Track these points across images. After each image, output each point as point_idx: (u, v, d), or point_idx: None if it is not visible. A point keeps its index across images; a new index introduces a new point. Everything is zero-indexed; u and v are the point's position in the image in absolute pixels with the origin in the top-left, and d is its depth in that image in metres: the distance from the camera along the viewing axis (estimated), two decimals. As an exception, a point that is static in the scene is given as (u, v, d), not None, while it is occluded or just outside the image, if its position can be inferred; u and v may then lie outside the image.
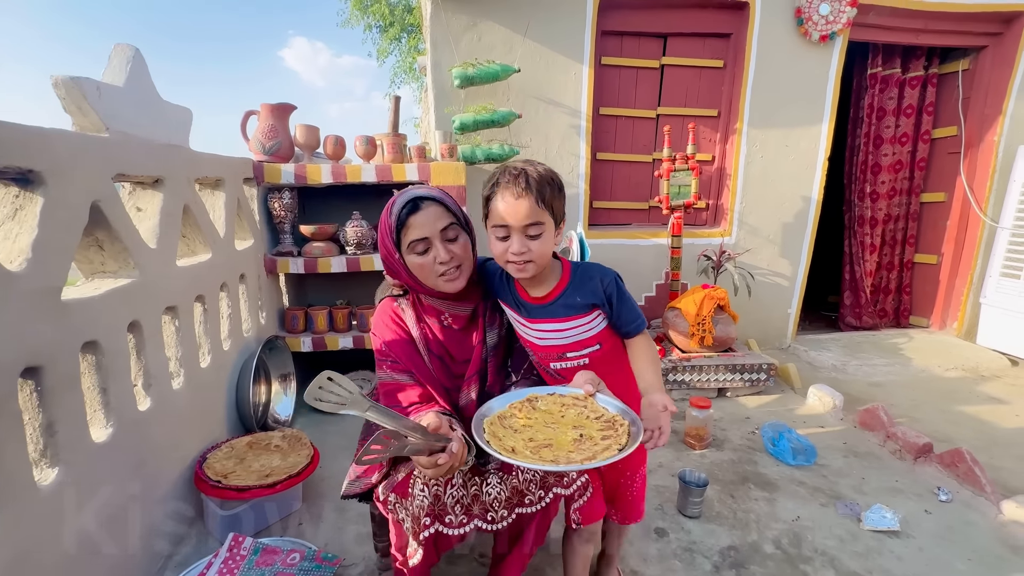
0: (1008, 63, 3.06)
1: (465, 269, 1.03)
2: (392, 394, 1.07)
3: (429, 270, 1.00)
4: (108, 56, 1.34)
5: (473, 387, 1.11)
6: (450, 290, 1.02)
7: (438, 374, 1.10)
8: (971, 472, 1.70)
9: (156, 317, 1.37)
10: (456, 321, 1.11)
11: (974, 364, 3.00)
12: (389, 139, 2.31)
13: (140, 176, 1.36)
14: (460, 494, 0.97)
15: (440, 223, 0.98)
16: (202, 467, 1.51)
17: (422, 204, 0.98)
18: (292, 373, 2.23)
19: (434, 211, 0.98)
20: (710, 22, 2.89)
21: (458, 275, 1.01)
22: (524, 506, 1.01)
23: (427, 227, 0.97)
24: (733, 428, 2.19)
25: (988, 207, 3.21)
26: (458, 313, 1.10)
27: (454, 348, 1.11)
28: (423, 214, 0.97)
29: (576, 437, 0.85)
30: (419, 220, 0.97)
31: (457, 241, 1.01)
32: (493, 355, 1.12)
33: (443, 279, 1.00)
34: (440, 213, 0.99)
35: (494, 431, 0.86)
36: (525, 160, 1.00)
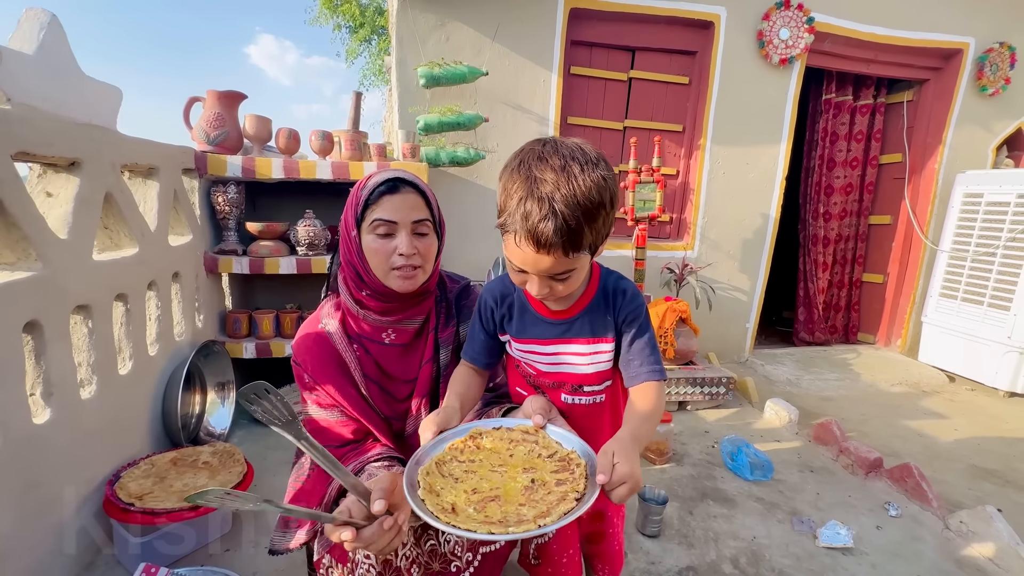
0: (947, 96, 3.26)
1: (423, 272, 0.91)
2: (322, 432, 0.94)
3: (384, 258, 0.87)
4: (17, 20, 1.19)
5: (424, 410, 0.97)
6: (400, 288, 0.89)
7: (377, 403, 0.96)
8: (919, 487, 1.73)
9: (62, 317, 1.21)
10: (400, 336, 0.97)
11: (916, 379, 3.14)
12: (348, 135, 2.20)
13: (50, 156, 1.20)
14: (414, 553, 0.82)
15: (415, 214, 0.88)
16: (113, 487, 1.33)
17: (402, 187, 0.88)
18: (231, 382, 2.05)
19: (412, 199, 0.88)
20: (677, 39, 2.93)
21: (414, 275, 0.89)
22: (489, 544, 0.88)
23: (400, 212, 0.86)
24: (693, 442, 2.17)
25: (929, 230, 3.39)
26: (404, 328, 0.97)
27: (396, 369, 0.98)
28: (400, 197, 0.87)
29: (527, 483, 0.70)
30: (394, 202, 0.86)
31: (425, 239, 0.90)
32: (446, 373, 0.99)
33: (397, 274, 0.88)
34: (418, 203, 0.89)
35: (431, 483, 0.69)
36: (558, 148, 0.72)
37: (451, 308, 1.02)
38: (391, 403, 0.99)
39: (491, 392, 1.01)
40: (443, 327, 1.00)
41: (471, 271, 2.78)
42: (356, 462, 0.88)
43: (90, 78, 1.37)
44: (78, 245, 1.27)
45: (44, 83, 1.20)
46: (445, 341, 1.00)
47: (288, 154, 2.16)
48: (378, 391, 0.97)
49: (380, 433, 0.96)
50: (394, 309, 0.94)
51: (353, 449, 0.93)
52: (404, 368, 0.98)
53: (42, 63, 1.19)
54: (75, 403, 1.26)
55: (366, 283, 0.91)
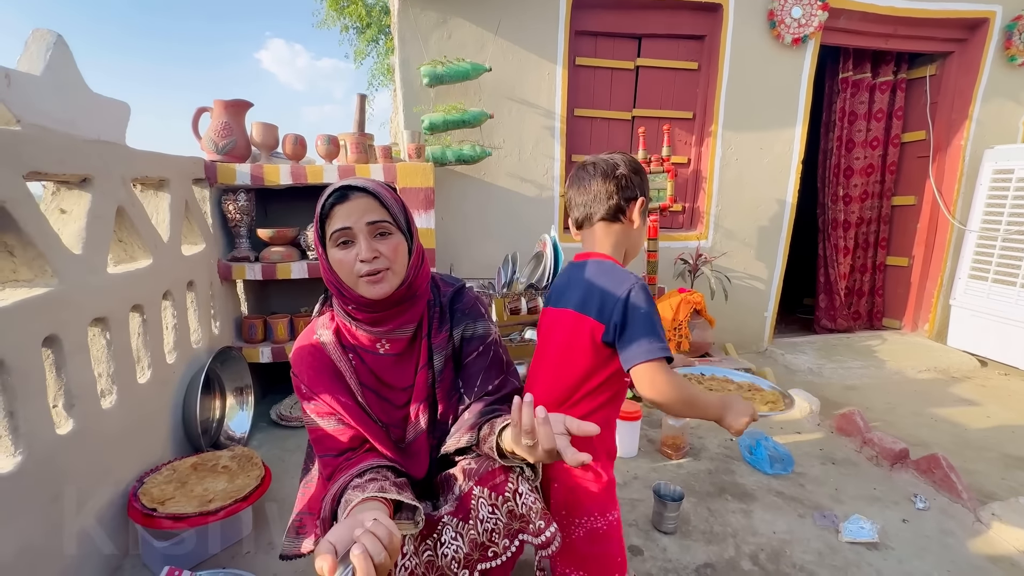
0: (973, 69, 3.11)
1: (393, 274, 0.89)
2: (320, 441, 0.95)
3: (349, 268, 0.87)
4: (24, 42, 1.21)
5: (423, 416, 0.98)
6: (371, 295, 0.88)
7: (375, 411, 0.97)
8: (947, 478, 1.67)
9: (80, 330, 1.24)
10: (395, 345, 0.97)
11: (945, 365, 3.03)
12: (353, 138, 2.21)
13: (62, 175, 1.23)
14: (412, 564, 0.81)
15: (368, 216, 0.86)
16: (136, 493, 1.37)
17: (351, 194, 0.86)
18: (249, 386, 2.09)
19: (364, 203, 0.86)
20: (684, 24, 2.86)
21: (382, 278, 0.87)
22: (488, 559, 0.85)
23: (351, 218, 0.85)
24: (710, 436, 2.14)
25: (956, 210, 3.25)
26: (397, 337, 0.97)
27: (391, 377, 0.98)
28: (350, 204, 0.86)
29: None
30: (345, 210, 0.85)
31: (387, 239, 0.88)
32: (441, 379, 0.99)
33: (364, 280, 0.87)
34: (370, 206, 0.87)
35: None
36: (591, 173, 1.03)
37: (444, 312, 1.01)
38: (389, 410, 0.99)
39: (490, 395, 0.99)
40: (436, 332, 0.99)
41: (480, 270, 2.79)
42: (346, 475, 0.87)
43: (98, 95, 1.39)
44: (93, 259, 1.30)
45: (53, 102, 1.22)
46: (439, 347, 0.99)
47: (295, 160, 2.18)
48: (375, 399, 0.97)
49: (378, 441, 0.96)
50: (383, 319, 0.94)
51: (348, 459, 0.93)
52: (399, 376, 0.98)
53: (50, 83, 1.22)
54: (97, 413, 1.30)
55: (347, 297, 0.91)
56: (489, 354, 1.02)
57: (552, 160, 2.82)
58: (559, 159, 2.82)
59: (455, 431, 0.96)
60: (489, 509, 0.84)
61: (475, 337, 1.02)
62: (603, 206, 1.02)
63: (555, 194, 2.86)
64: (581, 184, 1.05)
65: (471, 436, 0.91)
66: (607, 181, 1.01)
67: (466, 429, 0.92)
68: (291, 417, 2.20)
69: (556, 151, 2.81)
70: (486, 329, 1.04)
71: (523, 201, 2.84)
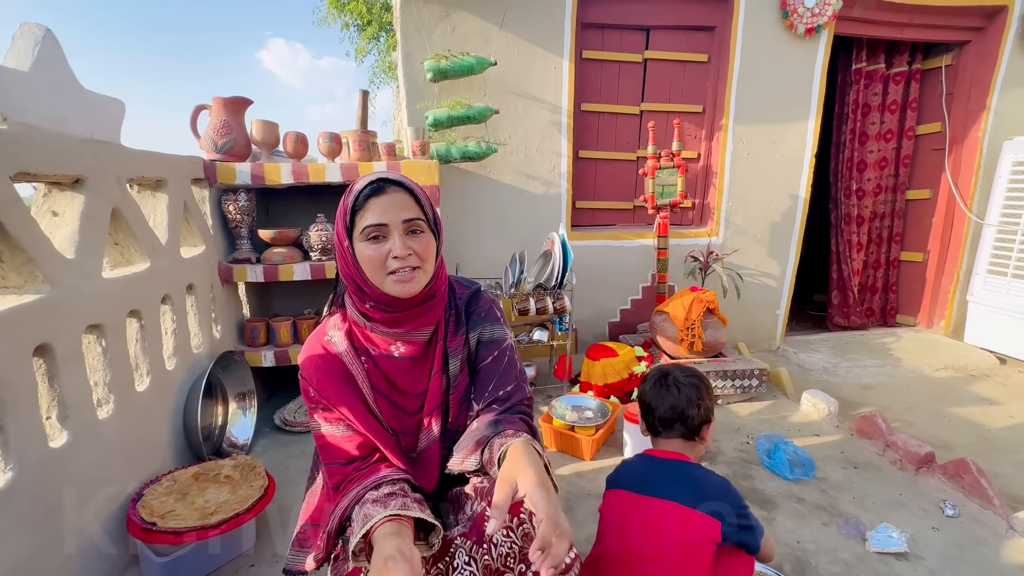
0: (991, 58, 3.02)
1: (423, 273, 0.86)
2: (327, 448, 0.90)
3: (380, 264, 0.83)
4: (12, 37, 1.16)
5: (435, 423, 0.93)
6: (399, 293, 0.84)
7: (386, 417, 0.92)
8: (977, 484, 1.60)
9: (74, 338, 1.19)
10: (410, 348, 0.92)
11: (963, 363, 2.95)
12: (356, 136, 2.15)
13: (52, 175, 1.17)
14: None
15: (405, 213, 0.83)
16: (136, 506, 1.32)
17: (387, 187, 0.83)
18: (251, 391, 2.04)
19: (400, 198, 0.83)
20: (694, 14, 2.79)
21: (412, 277, 0.84)
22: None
23: (388, 213, 0.82)
24: (726, 439, 2.08)
25: (974, 203, 3.17)
26: (414, 339, 0.92)
27: (405, 381, 0.93)
28: (386, 198, 0.82)
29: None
30: (380, 204, 0.82)
31: (421, 237, 0.85)
32: (456, 385, 0.94)
33: (394, 278, 0.83)
34: (407, 202, 0.84)
35: None
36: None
37: (460, 315, 0.97)
38: (400, 417, 0.94)
39: (500, 403, 0.94)
40: (452, 336, 0.95)
41: (487, 267, 2.73)
42: (359, 486, 0.83)
43: (90, 92, 1.34)
44: (86, 263, 1.25)
45: (42, 100, 1.17)
46: (454, 351, 0.94)
47: (296, 158, 2.12)
48: (387, 404, 0.93)
49: (388, 450, 0.91)
50: (402, 319, 0.89)
51: (359, 468, 0.88)
52: (413, 380, 0.94)
53: (39, 79, 1.16)
54: (93, 423, 1.25)
55: (368, 294, 0.86)
56: (504, 359, 0.98)
57: (559, 156, 2.76)
58: (566, 155, 2.76)
59: (461, 445, 0.91)
60: (504, 532, 0.78)
61: (491, 341, 0.98)
62: (682, 427, 1.12)
63: (562, 191, 2.80)
64: (660, 397, 1.15)
65: (476, 458, 0.85)
66: (688, 405, 1.12)
67: (471, 448, 0.87)
68: (295, 422, 2.15)
69: (563, 147, 2.75)
70: (502, 333, 1.00)
71: (530, 198, 2.77)
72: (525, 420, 0.93)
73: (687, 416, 1.13)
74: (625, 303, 3.01)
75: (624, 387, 2.36)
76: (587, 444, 1.89)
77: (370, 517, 0.73)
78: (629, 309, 3.01)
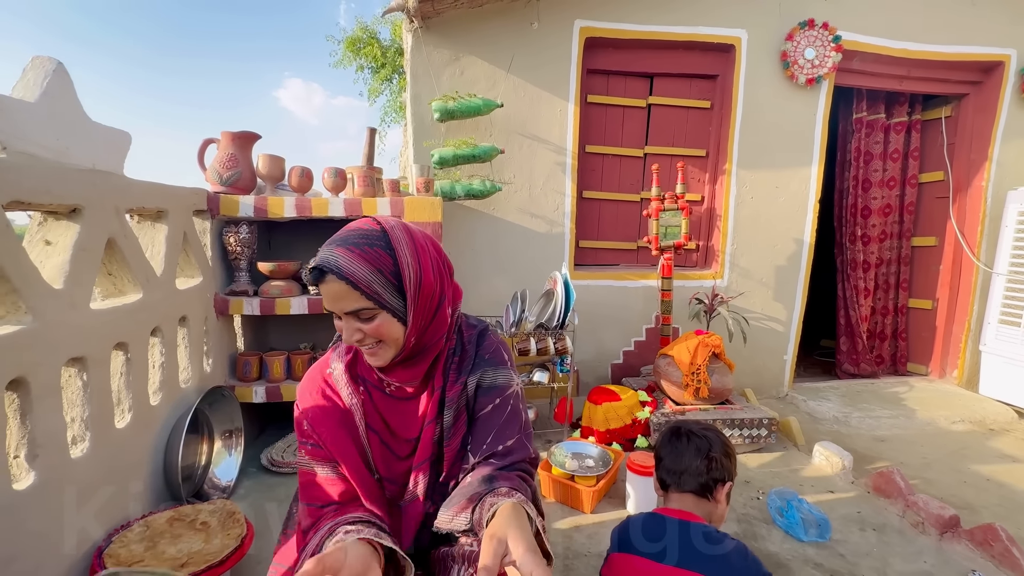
0: (990, 110, 3.07)
1: (386, 348, 0.81)
2: (309, 488, 0.85)
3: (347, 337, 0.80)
4: (23, 69, 1.17)
5: (423, 478, 0.86)
6: (370, 363, 0.83)
7: (376, 458, 0.86)
8: (1008, 552, 1.49)
9: (52, 372, 1.14)
10: (401, 390, 0.88)
11: (980, 416, 2.84)
12: (361, 171, 2.16)
13: (47, 204, 1.16)
14: None
15: (345, 304, 0.76)
16: (102, 555, 1.23)
17: (326, 276, 0.76)
18: (239, 428, 1.96)
19: (336, 288, 0.75)
20: (697, 63, 2.86)
21: (375, 352, 0.80)
22: None
23: (332, 303, 0.78)
24: (735, 493, 1.96)
25: (981, 252, 3.14)
26: (403, 386, 0.88)
27: (395, 420, 0.87)
28: (326, 287, 0.77)
29: None
30: (324, 290, 0.77)
31: (371, 322, 0.78)
32: (452, 436, 0.87)
33: (362, 347, 0.81)
34: (343, 293, 0.75)
35: None
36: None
37: (464, 360, 0.90)
38: (390, 461, 0.88)
39: (498, 458, 0.86)
40: (452, 384, 0.88)
41: (488, 306, 2.69)
42: (332, 522, 0.78)
43: (96, 123, 1.35)
44: (74, 295, 1.21)
45: (46, 130, 1.17)
46: (451, 400, 0.87)
47: (301, 192, 2.13)
48: (379, 444, 0.87)
49: (371, 499, 0.84)
50: (389, 369, 0.85)
51: (336, 510, 0.82)
52: (405, 425, 0.88)
53: (45, 110, 1.17)
54: (64, 464, 1.18)
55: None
56: (506, 409, 0.89)
57: (563, 196, 2.77)
58: (570, 195, 2.77)
59: (451, 502, 0.83)
60: None
61: (494, 388, 0.89)
62: (694, 481, 1.08)
63: (566, 230, 2.79)
64: (674, 452, 1.12)
65: (466, 516, 0.77)
66: (699, 458, 1.08)
67: (463, 504, 0.79)
68: (283, 463, 2.05)
69: (567, 187, 2.76)
70: (507, 379, 0.90)
71: (533, 237, 2.76)
72: (524, 479, 0.85)
73: (696, 468, 1.06)
74: (628, 344, 2.94)
75: (627, 433, 2.27)
76: (587, 495, 1.79)
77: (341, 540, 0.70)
78: (632, 351, 2.94)
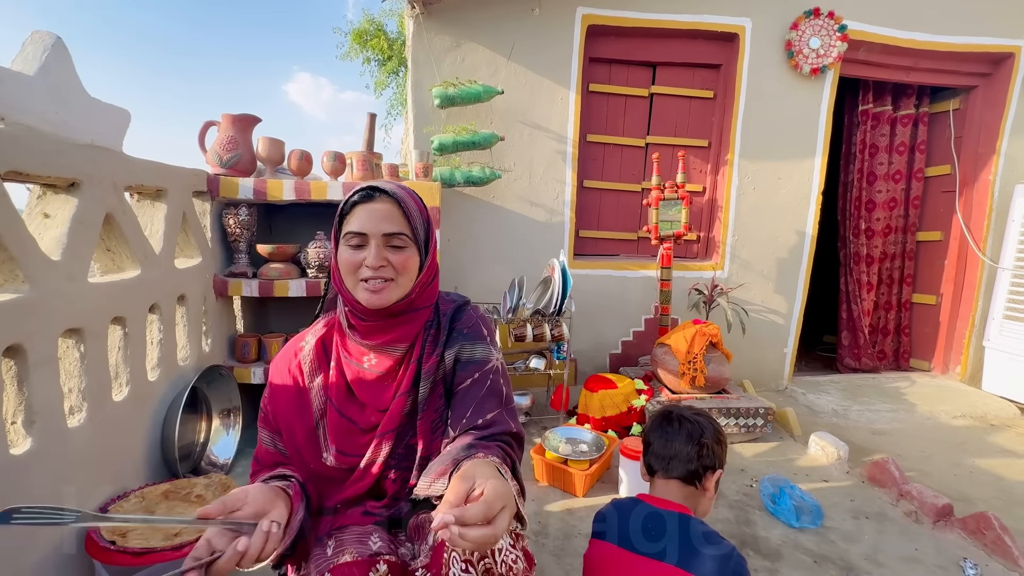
0: (999, 103, 3.02)
1: (396, 287, 0.83)
2: (259, 458, 0.90)
3: (353, 270, 0.82)
4: (22, 43, 1.19)
5: (385, 446, 0.86)
6: (367, 302, 0.82)
7: (333, 433, 0.87)
8: (1000, 541, 1.48)
9: (50, 341, 1.16)
10: (381, 363, 0.88)
11: (982, 412, 2.81)
12: (360, 156, 2.17)
13: (46, 176, 1.17)
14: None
15: (387, 225, 0.81)
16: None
17: (376, 196, 0.81)
18: (237, 408, 1.99)
19: (385, 209, 0.81)
20: (700, 52, 2.84)
21: (383, 288, 0.81)
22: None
23: (370, 223, 0.80)
24: (728, 480, 1.96)
25: (987, 247, 3.10)
26: (388, 354, 0.88)
27: (369, 395, 0.88)
28: (372, 206, 0.81)
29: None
30: (364, 212, 0.81)
31: (401, 252, 0.82)
32: (426, 408, 0.87)
33: (364, 287, 0.81)
34: (392, 214, 0.81)
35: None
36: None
37: (441, 332, 0.91)
38: (350, 434, 0.88)
39: (479, 431, 0.85)
40: (428, 356, 0.89)
41: (486, 293, 2.69)
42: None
43: (95, 99, 1.36)
44: (72, 267, 1.23)
45: (45, 103, 1.19)
46: (428, 372, 0.88)
47: (300, 175, 2.14)
48: (338, 419, 0.87)
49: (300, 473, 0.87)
50: (376, 329, 0.86)
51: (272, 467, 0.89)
52: (377, 396, 0.88)
53: (44, 83, 1.18)
54: (61, 431, 1.20)
55: (346, 298, 0.86)
56: (486, 383, 0.88)
57: (563, 185, 2.76)
58: (570, 184, 2.76)
59: (430, 469, 0.83)
60: (463, 566, 0.71)
61: (472, 362, 0.89)
62: (682, 467, 1.04)
63: (565, 219, 2.79)
64: (664, 436, 1.09)
65: (444, 482, 0.77)
66: (690, 444, 1.05)
67: (440, 471, 0.78)
68: (280, 443, 2.07)
69: (567, 176, 2.76)
70: (485, 354, 0.91)
71: (532, 225, 2.76)
72: (504, 449, 0.84)
73: (686, 454, 1.03)
74: (627, 334, 2.94)
75: (622, 421, 2.27)
76: (580, 479, 1.79)
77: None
78: (631, 341, 2.94)
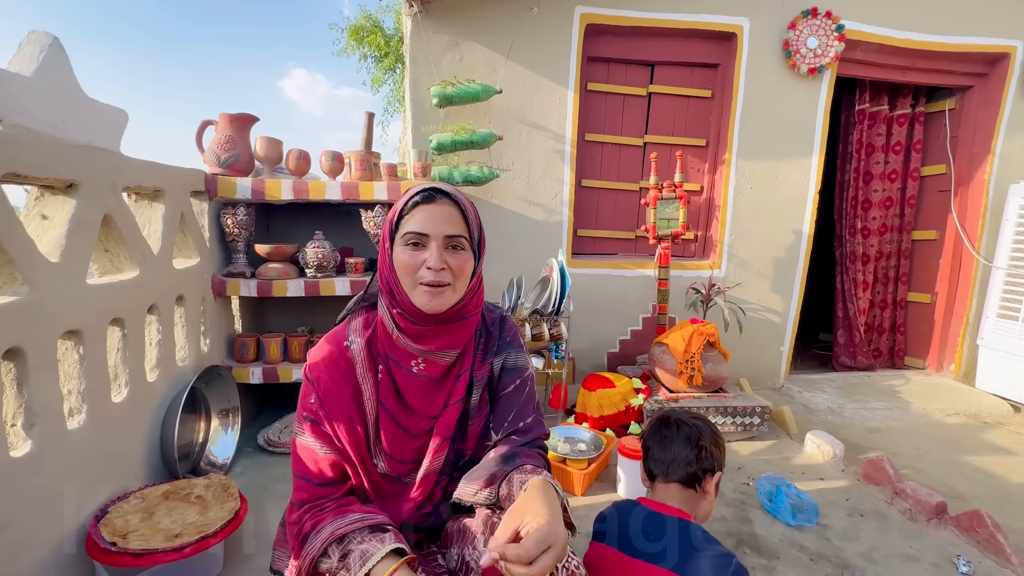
0: (994, 103, 3.04)
1: (453, 291, 0.82)
2: (302, 462, 0.86)
3: (412, 272, 0.80)
4: (19, 43, 1.18)
5: (440, 455, 0.88)
6: (425, 306, 0.80)
7: (386, 437, 0.87)
8: (993, 538, 1.50)
9: (49, 343, 1.16)
10: (431, 369, 0.87)
11: (975, 409, 2.84)
12: (358, 156, 2.16)
13: (44, 178, 1.17)
14: None
15: (448, 227, 0.81)
16: (98, 524, 1.26)
17: (438, 197, 0.81)
18: (236, 408, 1.99)
19: (447, 211, 0.81)
20: (698, 52, 2.84)
21: (441, 292, 0.81)
22: None
23: (431, 223, 0.80)
24: (725, 478, 1.97)
25: (981, 246, 3.13)
26: (436, 360, 0.87)
27: (419, 401, 0.88)
28: (434, 208, 0.81)
29: None
30: (426, 212, 0.80)
31: (459, 254, 0.82)
32: (476, 415, 0.90)
33: (423, 289, 0.80)
34: (453, 216, 0.82)
35: None
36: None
37: (490, 341, 0.94)
38: (402, 439, 0.88)
39: (520, 435, 0.90)
40: (480, 364, 0.91)
41: (485, 293, 2.70)
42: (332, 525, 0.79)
43: (93, 100, 1.35)
44: (71, 268, 1.23)
45: (42, 104, 1.18)
46: (479, 380, 0.91)
47: (298, 175, 2.13)
48: (390, 423, 0.87)
49: (361, 477, 0.86)
50: (426, 335, 0.84)
51: (330, 496, 0.84)
52: (428, 403, 0.88)
53: (41, 84, 1.18)
54: (60, 434, 1.20)
55: (397, 301, 0.83)
56: (525, 389, 0.95)
57: (561, 184, 2.77)
58: (568, 183, 2.77)
59: (473, 476, 0.87)
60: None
61: (515, 369, 0.95)
62: (682, 470, 1.05)
63: (563, 218, 2.79)
64: (663, 441, 1.09)
65: (491, 492, 0.82)
66: (688, 447, 1.05)
67: (486, 480, 0.83)
68: (279, 443, 2.08)
69: (566, 175, 2.76)
70: (525, 362, 0.97)
71: (530, 224, 2.77)
72: (543, 456, 0.91)
73: (685, 457, 1.04)
74: (625, 333, 2.95)
75: (620, 420, 2.28)
76: (579, 478, 1.81)
77: (367, 553, 0.73)
78: (629, 340, 2.96)
